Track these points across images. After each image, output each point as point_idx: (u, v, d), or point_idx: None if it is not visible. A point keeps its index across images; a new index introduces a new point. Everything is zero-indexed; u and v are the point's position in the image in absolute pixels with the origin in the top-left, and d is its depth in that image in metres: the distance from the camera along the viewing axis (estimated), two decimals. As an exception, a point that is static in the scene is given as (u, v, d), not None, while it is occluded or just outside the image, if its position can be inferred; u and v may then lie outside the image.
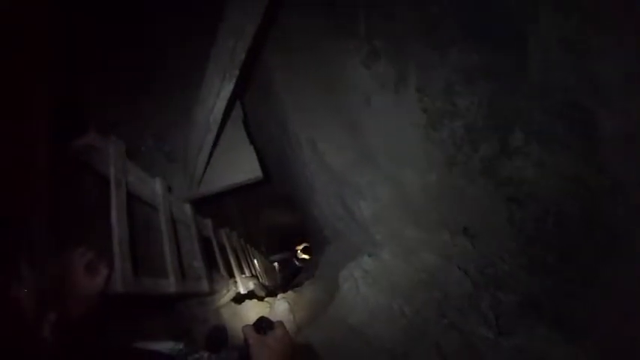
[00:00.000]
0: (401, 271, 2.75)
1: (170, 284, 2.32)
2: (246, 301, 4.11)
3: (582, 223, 1.81)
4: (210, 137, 3.18)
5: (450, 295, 2.37)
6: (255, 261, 6.53)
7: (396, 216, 2.96)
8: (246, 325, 1.10)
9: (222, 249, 4.28)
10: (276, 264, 9.03)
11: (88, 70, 3.49)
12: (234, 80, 2.54)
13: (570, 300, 1.89)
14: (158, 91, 4.07)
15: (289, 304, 4.05)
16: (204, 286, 2.95)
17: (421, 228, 2.76)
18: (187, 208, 3.33)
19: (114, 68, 3.81)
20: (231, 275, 4.09)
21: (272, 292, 5.78)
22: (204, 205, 4.19)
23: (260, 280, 5.79)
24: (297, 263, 8.73)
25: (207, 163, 3.61)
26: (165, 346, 1.35)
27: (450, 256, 2.46)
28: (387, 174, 3.00)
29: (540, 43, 1.73)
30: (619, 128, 1.57)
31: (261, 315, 1.19)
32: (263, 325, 1.11)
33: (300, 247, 8.69)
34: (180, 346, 1.37)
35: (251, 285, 4.34)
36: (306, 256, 8.46)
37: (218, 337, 3.02)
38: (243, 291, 3.96)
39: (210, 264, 3.46)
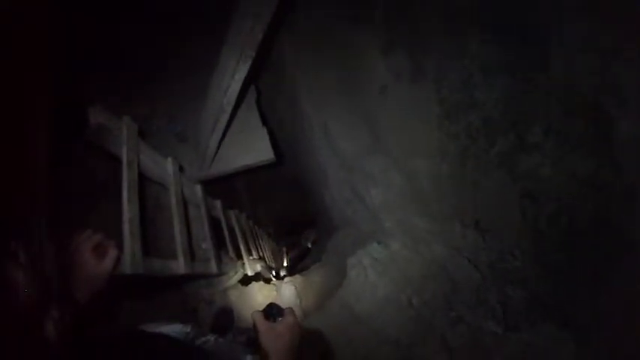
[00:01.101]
0: (410, 261, 2.72)
1: (179, 265, 2.33)
2: (253, 283, 4.13)
3: (595, 223, 1.77)
4: (224, 118, 3.16)
5: (459, 288, 2.35)
6: (263, 243, 6.56)
7: (406, 205, 2.93)
8: (256, 311, 1.09)
9: (231, 230, 4.29)
10: (284, 247, 9.06)
11: (100, 51, 3.45)
12: (249, 62, 2.50)
13: (578, 300, 1.87)
14: (171, 70, 4.05)
15: (296, 288, 4.06)
16: (213, 267, 2.96)
17: (432, 219, 2.72)
18: (198, 188, 3.33)
19: (127, 49, 3.78)
20: (239, 257, 4.11)
21: (279, 275, 5.83)
22: (215, 185, 4.19)
23: (267, 262, 5.82)
24: (306, 244, 8.77)
25: (220, 143, 3.60)
26: (173, 328, 1.34)
27: (461, 249, 2.43)
28: (399, 162, 2.95)
29: (563, 42, 1.67)
30: (635, 132, 1.53)
31: (270, 301, 1.17)
32: (273, 311, 1.10)
33: (310, 230, 8.72)
34: (188, 328, 1.37)
35: (258, 267, 4.35)
36: (315, 239, 8.48)
37: (225, 319, 3.05)
38: (250, 273, 3.97)
39: (219, 245, 3.47)
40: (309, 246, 8.58)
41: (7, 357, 0.51)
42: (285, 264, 8.14)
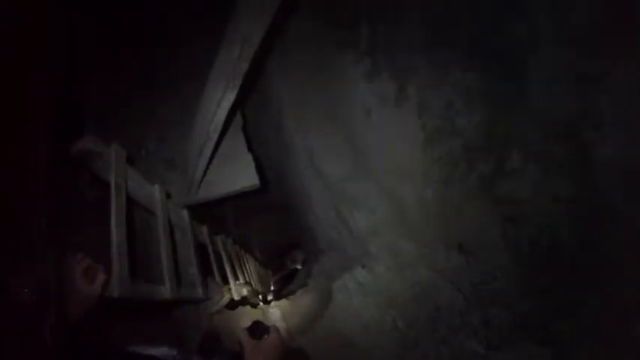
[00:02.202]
0: (395, 284, 2.76)
1: (166, 290, 2.34)
2: (240, 308, 4.11)
3: (575, 245, 1.83)
4: (210, 145, 3.20)
5: (443, 309, 2.39)
6: (250, 267, 6.52)
7: (391, 229, 2.98)
8: (241, 329, 1.12)
9: (218, 255, 4.28)
10: (270, 271, 9.01)
11: (88, 72, 3.51)
12: (236, 90, 2.55)
13: (560, 320, 1.92)
14: (159, 95, 4.10)
15: (282, 312, 4.05)
16: (199, 292, 2.96)
17: (416, 242, 2.78)
18: (185, 213, 3.35)
19: (115, 72, 3.84)
20: (226, 282, 4.09)
21: (265, 299, 5.79)
22: (202, 210, 4.20)
23: (254, 286, 5.78)
24: (292, 267, 8.74)
25: (206, 169, 3.63)
26: (160, 351, 1.37)
27: (444, 272, 2.48)
28: (383, 187, 3.02)
29: (540, 69, 1.76)
30: (613, 156, 1.61)
31: (255, 319, 1.20)
32: (258, 329, 1.13)
33: (296, 253, 8.72)
34: (174, 352, 1.39)
35: (244, 291, 4.33)
36: (301, 263, 8.46)
37: (211, 343, 3.03)
38: (236, 297, 3.96)
39: (205, 270, 3.47)
40: (296, 268, 8.55)
41: (7, 356, 0.53)
42: (272, 288, 8.08)
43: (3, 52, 0.55)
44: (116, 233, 1.85)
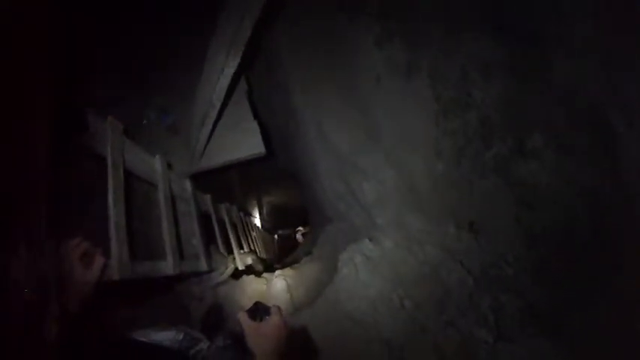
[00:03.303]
0: (403, 261, 2.70)
1: (168, 266, 2.29)
2: (244, 277, 4.10)
3: (592, 235, 1.75)
4: (213, 112, 3.09)
5: (452, 292, 2.33)
6: (255, 234, 6.53)
7: (399, 202, 2.90)
8: (242, 312, 1.08)
9: (222, 224, 4.25)
10: (276, 236, 9.09)
11: (91, 44, 3.37)
12: (239, 57, 2.43)
13: (572, 313, 1.85)
14: (161, 64, 3.98)
15: (287, 282, 4.04)
16: (202, 264, 2.93)
17: (426, 218, 2.70)
18: (187, 183, 3.28)
19: (118, 43, 3.69)
20: (230, 251, 4.07)
21: (270, 267, 5.81)
22: (206, 178, 4.14)
23: (259, 254, 5.80)
24: (297, 234, 8.84)
25: (210, 137, 3.54)
26: (166, 336, 1.32)
27: (454, 252, 2.41)
28: (393, 158, 2.92)
29: (565, 46, 1.62)
30: None
31: (256, 300, 1.15)
32: (258, 310, 1.09)
33: (302, 226, 8.82)
34: (181, 336, 1.35)
35: (249, 260, 4.33)
36: (305, 231, 8.54)
37: (215, 317, 3.03)
38: (241, 267, 3.95)
39: (209, 240, 3.44)
40: (301, 235, 8.63)
41: (8, 355, 0.52)
42: (275, 252, 8.17)
43: (3, 52, 0.54)
44: (114, 212, 1.78)
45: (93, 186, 1.81)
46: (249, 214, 6.65)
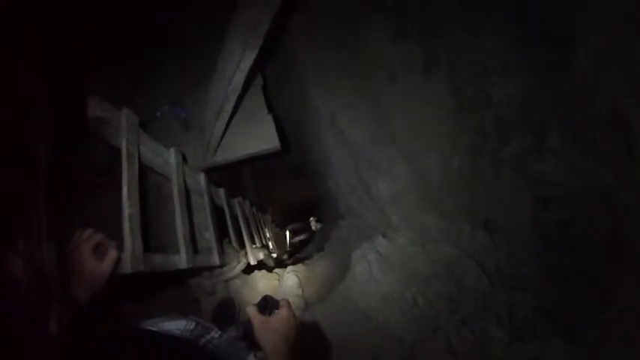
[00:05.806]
0: (416, 258, 2.67)
1: (181, 260, 2.28)
2: (256, 272, 4.10)
3: (609, 236, 1.71)
4: (229, 106, 3.07)
5: (466, 290, 2.30)
6: (267, 229, 6.53)
7: (414, 199, 2.87)
8: (251, 306, 1.09)
9: (235, 219, 4.25)
10: (287, 232, 9.08)
11: (104, 36, 3.37)
12: (256, 51, 2.40)
13: (587, 315, 1.81)
14: (176, 56, 3.97)
15: (298, 278, 4.03)
16: (215, 259, 2.92)
17: (440, 215, 2.66)
18: (201, 177, 3.28)
19: (132, 34, 3.69)
20: (242, 245, 4.07)
21: (281, 263, 5.81)
22: (219, 172, 4.14)
23: (271, 249, 5.80)
24: (309, 230, 8.84)
25: (225, 131, 3.53)
26: (177, 325, 1.31)
27: (469, 250, 2.38)
28: (407, 154, 2.88)
29: (589, 45, 1.58)
30: None
31: (266, 294, 1.15)
32: (267, 304, 1.09)
33: (315, 218, 8.78)
34: (192, 325, 1.33)
35: (261, 255, 4.32)
36: (319, 225, 8.53)
37: (226, 310, 3.03)
38: (253, 262, 3.94)
39: (222, 234, 3.44)
40: (312, 232, 8.61)
41: (9, 354, 0.50)
42: (287, 248, 8.17)
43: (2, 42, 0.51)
44: (128, 205, 1.77)
45: (108, 170, 1.81)
46: (262, 209, 6.64)
